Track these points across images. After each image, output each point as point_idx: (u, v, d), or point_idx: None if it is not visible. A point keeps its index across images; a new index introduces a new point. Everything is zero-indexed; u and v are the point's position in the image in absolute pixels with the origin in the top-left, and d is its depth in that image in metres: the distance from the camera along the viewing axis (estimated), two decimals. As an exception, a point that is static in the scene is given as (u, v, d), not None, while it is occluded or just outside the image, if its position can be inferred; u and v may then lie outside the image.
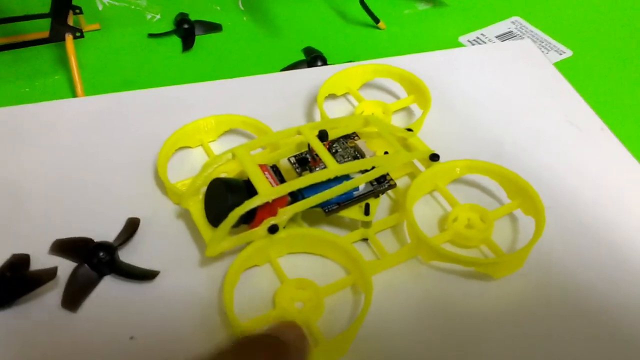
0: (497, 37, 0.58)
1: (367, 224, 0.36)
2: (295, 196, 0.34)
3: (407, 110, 0.45)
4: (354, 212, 0.35)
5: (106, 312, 0.32)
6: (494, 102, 0.46)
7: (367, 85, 0.47)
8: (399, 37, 0.59)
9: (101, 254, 0.33)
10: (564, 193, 0.39)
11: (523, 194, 0.36)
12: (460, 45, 0.59)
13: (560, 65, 0.53)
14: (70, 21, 0.51)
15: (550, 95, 0.47)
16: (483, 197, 0.39)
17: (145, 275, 0.34)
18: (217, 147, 0.42)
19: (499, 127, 0.44)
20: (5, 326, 0.31)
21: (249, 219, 0.33)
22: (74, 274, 0.33)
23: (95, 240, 0.34)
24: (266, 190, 0.32)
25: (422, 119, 0.42)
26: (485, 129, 0.44)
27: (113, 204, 0.37)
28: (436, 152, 0.38)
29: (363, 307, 0.31)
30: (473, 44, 0.58)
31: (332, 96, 0.45)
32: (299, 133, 0.36)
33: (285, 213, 0.33)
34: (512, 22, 0.61)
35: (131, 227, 0.36)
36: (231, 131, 0.43)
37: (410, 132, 0.39)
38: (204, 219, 0.34)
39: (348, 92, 0.45)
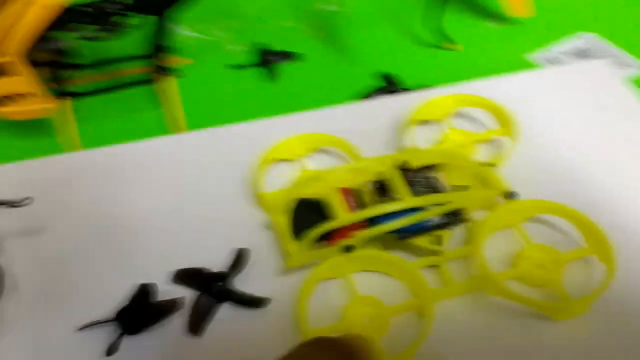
0: (566, 53, 0.58)
1: (438, 253, 0.38)
2: (373, 220, 0.37)
3: (494, 140, 0.46)
4: (426, 241, 0.38)
5: (226, 337, 0.36)
6: (575, 128, 0.47)
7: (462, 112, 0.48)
8: (472, 57, 0.61)
9: (220, 283, 0.37)
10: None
11: (598, 240, 0.37)
12: (529, 63, 0.59)
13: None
14: (167, 62, 0.55)
15: (628, 119, 0.47)
16: (558, 237, 0.39)
17: (258, 302, 0.37)
18: (310, 162, 0.45)
19: (582, 155, 0.45)
20: (138, 350, 0.35)
21: (327, 236, 0.37)
22: (197, 302, 0.37)
23: (211, 270, 0.38)
24: (343, 216, 0.35)
25: (509, 153, 0.43)
26: (569, 159, 0.45)
27: (218, 234, 0.41)
28: (517, 187, 0.39)
29: (423, 331, 0.33)
30: (545, 63, 0.58)
31: (421, 122, 0.48)
32: (382, 163, 0.38)
33: (360, 235, 0.36)
34: (584, 38, 0.60)
35: (243, 257, 0.39)
36: (323, 149, 0.46)
37: (489, 167, 0.41)
38: (288, 232, 0.38)
39: (438, 119, 0.47)
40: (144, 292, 0.37)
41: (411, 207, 0.36)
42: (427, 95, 0.48)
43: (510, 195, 0.39)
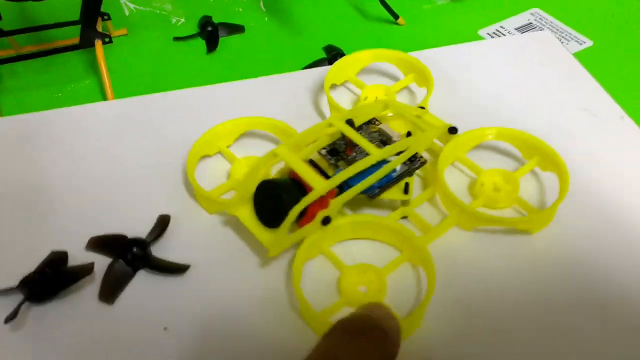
0: (516, 29, 0.59)
1: (406, 202, 0.37)
2: (341, 186, 0.35)
3: (407, 90, 0.47)
4: (394, 193, 0.37)
5: (140, 305, 0.34)
6: (512, 95, 0.47)
7: (365, 71, 0.48)
8: (419, 32, 0.60)
9: (135, 249, 0.35)
10: (584, 182, 0.40)
11: (539, 152, 0.39)
12: (480, 38, 0.59)
13: (581, 56, 0.54)
14: (99, 27, 0.53)
15: (570, 86, 0.48)
16: (503, 160, 0.41)
17: (177, 269, 0.35)
18: (236, 150, 0.42)
19: (517, 119, 0.44)
20: (47, 319, 0.33)
21: (300, 215, 0.34)
22: (109, 269, 0.35)
23: (128, 237, 0.36)
24: (321, 185, 0.33)
25: (429, 96, 0.44)
26: (502, 120, 0.44)
27: (143, 204, 0.39)
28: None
29: (429, 280, 0.32)
30: (493, 37, 0.58)
31: (332, 86, 0.47)
32: (331, 125, 0.37)
33: (336, 203, 0.34)
34: (532, 14, 0.61)
35: (162, 223, 0.37)
36: (247, 133, 0.43)
37: (424, 110, 0.41)
38: (255, 222, 0.35)
39: (347, 80, 0.47)
40: (52, 260, 0.35)
41: (377, 162, 0.35)
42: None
43: (452, 130, 0.40)
